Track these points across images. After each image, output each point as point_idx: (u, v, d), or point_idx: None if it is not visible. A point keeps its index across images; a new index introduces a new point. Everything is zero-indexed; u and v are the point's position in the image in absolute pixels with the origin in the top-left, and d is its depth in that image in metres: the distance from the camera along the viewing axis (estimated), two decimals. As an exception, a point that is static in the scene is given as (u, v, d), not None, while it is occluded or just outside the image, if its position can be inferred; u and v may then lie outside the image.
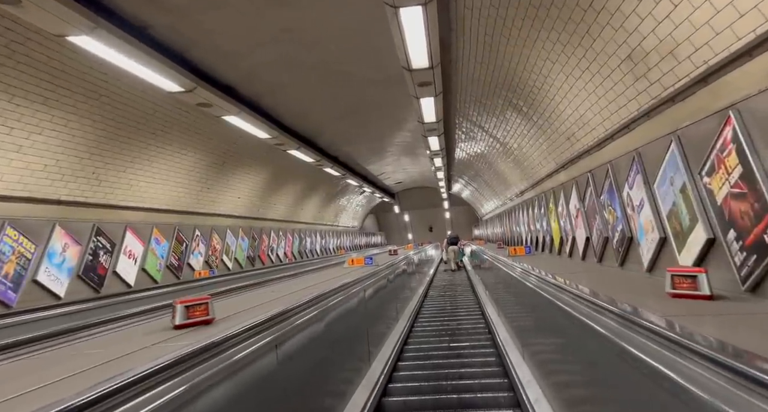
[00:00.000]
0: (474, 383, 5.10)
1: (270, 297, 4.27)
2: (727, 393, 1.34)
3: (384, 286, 7.65)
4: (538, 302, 4.23)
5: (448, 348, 6.65)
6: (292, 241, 18.03)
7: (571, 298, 3.30)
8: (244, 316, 3.02)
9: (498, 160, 12.64)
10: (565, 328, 3.47)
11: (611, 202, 5.41)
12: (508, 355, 5.46)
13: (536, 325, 4.69)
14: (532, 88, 6.78)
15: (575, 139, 6.62)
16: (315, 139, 13.67)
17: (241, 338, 2.43)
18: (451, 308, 9.76)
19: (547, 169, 9.01)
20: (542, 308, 4.24)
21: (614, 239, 5.42)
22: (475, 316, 8.91)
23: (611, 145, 5.47)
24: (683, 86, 3.67)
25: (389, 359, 5.79)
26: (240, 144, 11.10)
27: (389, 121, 13.82)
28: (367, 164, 21.03)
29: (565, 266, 6.78)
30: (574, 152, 6.91)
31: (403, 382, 5.43)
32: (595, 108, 5.43)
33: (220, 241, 12.28)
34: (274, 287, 6.99)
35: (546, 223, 9.42)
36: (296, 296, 3.68)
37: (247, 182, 13.00)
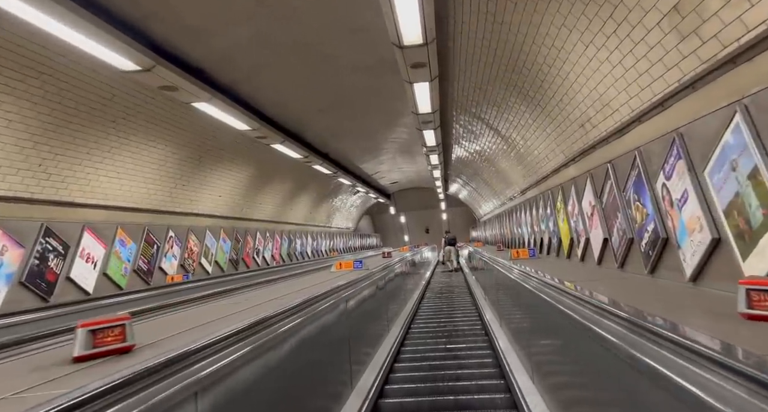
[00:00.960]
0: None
1: (230, 310, 3.40)
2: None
3: (372, 294, 6.76)
4: (559, 323, 3.34)
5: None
6: (280, 243, 17.11)
7: (605, 318, 2.42)
8: (182, 339, 2.17)
9: (499, 156, 11.76)
10: (601, 360, 2.58)
11: (639, 196, 4.52)
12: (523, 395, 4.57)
13: (559, 351, 3.78)
14: (541, 67, 5.89)
15: (591, 125, 5.73)
16: (301, 133, 12.76)
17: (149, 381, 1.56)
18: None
19: (554, 164, 8.13)
20: (563, 330, 3.36)
21: (643, 240, 4.53)
22: (471, 319, 8.02)
23: (639, 129, 4.58)
24: (755, 39, 2.79)
25: (372, 389, 4.86)
26: (218, 137, 10.18)
27: (382, 115, 12.92)
28: (360, 162, 20.13)
29: (578, 272, 5.89)
30: (589, 141, 6.03)
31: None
32: (620, 84, 4.55)
33: (198, 242, 11.35)
34: (247, 295, 6.09)
35: (553, 223, 8.54)
36: (255, 311, 2.83)
37: (229, 179, 12.08)
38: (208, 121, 9.00)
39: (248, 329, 2.27)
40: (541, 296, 3.94)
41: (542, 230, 9.71)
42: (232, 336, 2.10)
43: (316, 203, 20.92)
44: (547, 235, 9.16)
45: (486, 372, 5.56)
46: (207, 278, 10.72)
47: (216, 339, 1.99)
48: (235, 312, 3.40)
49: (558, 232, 8.22)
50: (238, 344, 2.18)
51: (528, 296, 4.73)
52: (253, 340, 2.30)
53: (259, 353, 2.39)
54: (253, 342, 2.28)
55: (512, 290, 6.14)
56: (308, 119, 12.02)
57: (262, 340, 2.38)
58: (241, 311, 3.48)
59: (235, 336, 2.13)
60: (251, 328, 2.31)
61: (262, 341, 2.38)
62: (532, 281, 4.45)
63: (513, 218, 13.99)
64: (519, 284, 5.25)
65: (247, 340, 2.27)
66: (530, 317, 5.00)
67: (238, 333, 2.16)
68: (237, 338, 2.17)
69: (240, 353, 2.17)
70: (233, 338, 2.12)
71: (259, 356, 2.40)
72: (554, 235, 8.54)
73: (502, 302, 7.04)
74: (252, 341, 2.28)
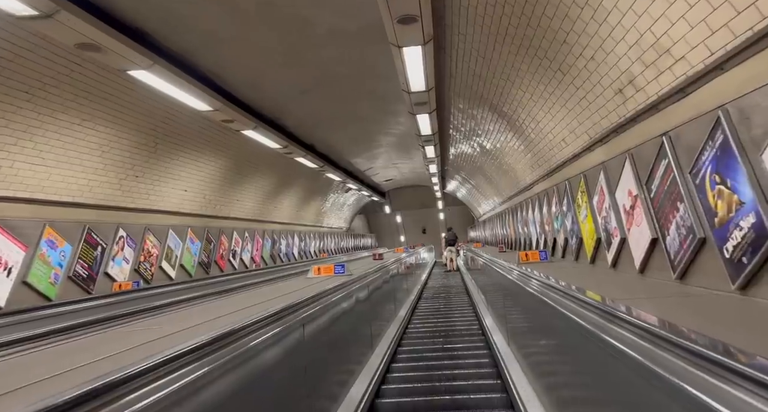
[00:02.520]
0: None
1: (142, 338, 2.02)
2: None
3: (350, 308, 5.33)
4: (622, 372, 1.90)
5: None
6: (261, 243, 15.66)
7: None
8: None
9: (503, 144, 10.32)
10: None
11: (725, 176, 3.09)
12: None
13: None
14: (568, 11, 4.45)
15: (634, 87, 4.31)
16: (279, 119, 11.31)
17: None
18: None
19: (573, 149, 6.70)
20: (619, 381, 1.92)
21: (729, 241, 3.10)
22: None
23: (723, 79, 3.15)
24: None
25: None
26: (176, 120, 8.73)
27: (374, 101, 11.48)
28: (351, 157, 18.69)
29: (617, 285, 4.46)
30: (628, 112, 4.61)
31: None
32: (696, 14, 3.12)
33: (158, 243, 9.89)
34: (185, 312, 4.66)
35: (571, 221, 7.11)
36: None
37: (197, 172, 10.62)
38: (159, 98, 7.56)
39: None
40: (588, 328, 2.52)
41: (555, 230, 8.29)
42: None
43: (303, 201, 19.47)
44: (562, 235, 7.74)
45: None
46: (167, 285, 9.26)
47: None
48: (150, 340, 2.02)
49: (577, 231, 6.80)
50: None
51: (552, 315, 3.33)
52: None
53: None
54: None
55: (526, 305, 4.73)
56: (287, 103, 10.58)
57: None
58: (126, 350, 2.11)
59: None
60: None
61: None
62: (568, 303, 3.03)
63: (517, 216, 12.57)
64: (538, 299, 3.85)
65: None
66: (556, 345, 3.59)
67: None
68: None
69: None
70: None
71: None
72: (572, 235, 7.12)
73: (515, 321, 5.61)
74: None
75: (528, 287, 4.44)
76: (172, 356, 1.83)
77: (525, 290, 4.54)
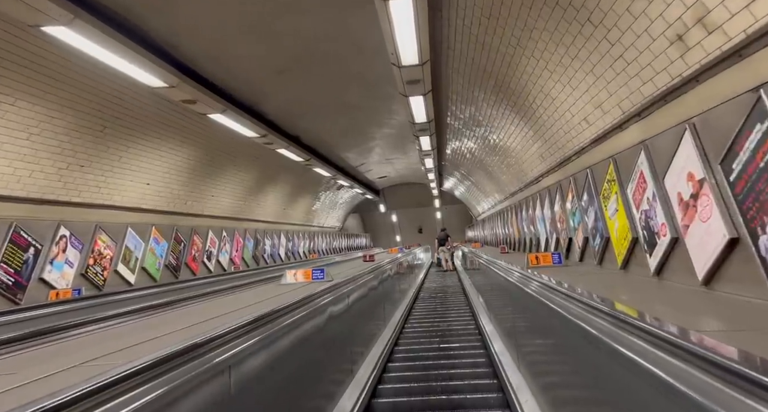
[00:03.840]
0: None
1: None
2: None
3: (319, 328, 4.11)
4: None
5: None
6: (242, 244, 14.40)
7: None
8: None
9: (507, 130, 9.08)
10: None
11: None
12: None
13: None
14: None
15: (706, 26, 3.08)
16: (256, 104, 10.06)
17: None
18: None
19: (595, 130, 5.49)
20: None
21: None
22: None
23: None
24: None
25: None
26: (130, 100, 7.47)
27: (361, 83, 10.22)
28: (341, 151, 17.43)
29: (688, 304, 3.23)
30: (693, 65, 3.38)
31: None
32: None
33: (113, 244, 8.63)
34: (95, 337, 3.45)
35: (594, 217, 5.88)
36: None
37: (160, 162, 9.36)
38: (104, 72, 6.31)
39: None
40: (670, 384, 1.31)
41: (571, 228, 7.07)
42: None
43: (291, 198, 18.21)
44: (581, 234, 6.51)
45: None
46: (120, 292, 8.00)
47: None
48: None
49: (602, 229, 5.57)
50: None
51: (592, 346, 2.12)
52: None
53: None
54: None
55: (546, 325, 3.51)
56: (263, 86, 9.33)
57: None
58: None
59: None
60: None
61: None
62: (620, 333, 1.82)
63: (521, 213, 11.35)
64: (566, 321, 2.64)
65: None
66: (602, 390, 2.38)
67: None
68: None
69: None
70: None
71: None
72: (594, 234, 5.89)
73: (529, 343, 4.37)
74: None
75: (552, 303, 3.22)
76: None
77: (548, 307, 3.31)
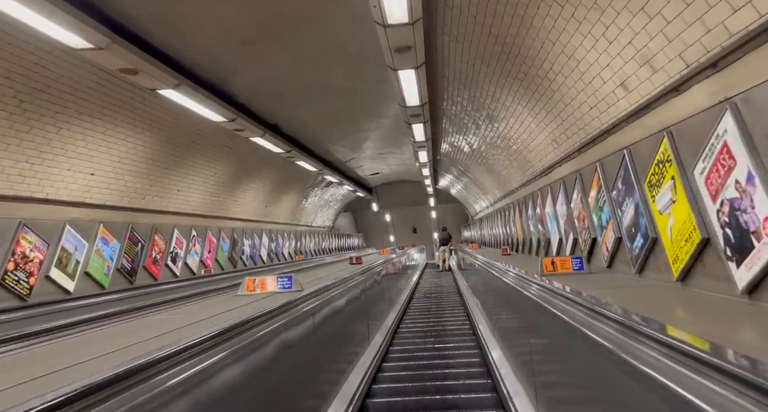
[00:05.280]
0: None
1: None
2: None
3: (270, 360, 2.81)
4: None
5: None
6: (216, 244, 13.01)
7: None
8: None
9: (511, 112, 7.74)
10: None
11: None
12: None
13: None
14: None
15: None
16: (222, 84, 8.69)
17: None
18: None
19: (636, 97, 4.16)
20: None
21: None
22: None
23: None
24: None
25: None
26: (52, 69, 6.09)
27: (345, 60, 8.85)
28: (328, 143, 16.07)
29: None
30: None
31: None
32: None
33: (43, 245, 7.24)
34: None
35: (635, 210, 4.54)
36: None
37: (106, 149, 7.98)
38: (7, 28, 4.94)
39: None
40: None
41: (595, 226, 5.74)
42: None
43: (274, 195, 16.84)
44: (611, 233, 5.19)
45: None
46: (48, 303, 6.63)
47: None
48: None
49: (648, 227, 4.24)
50: None
51: None
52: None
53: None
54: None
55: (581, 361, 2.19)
56: (228, 58, 7.96)
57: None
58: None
59: None
60: None
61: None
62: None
63: (527, 211, 10.02)
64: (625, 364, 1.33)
65: None
66: None
67: None
68: None
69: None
70: None
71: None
72: (635, 233, 4.56)
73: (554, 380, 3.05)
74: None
75: (618, 349, 1.89)
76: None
77: (604, 350, 1.98)
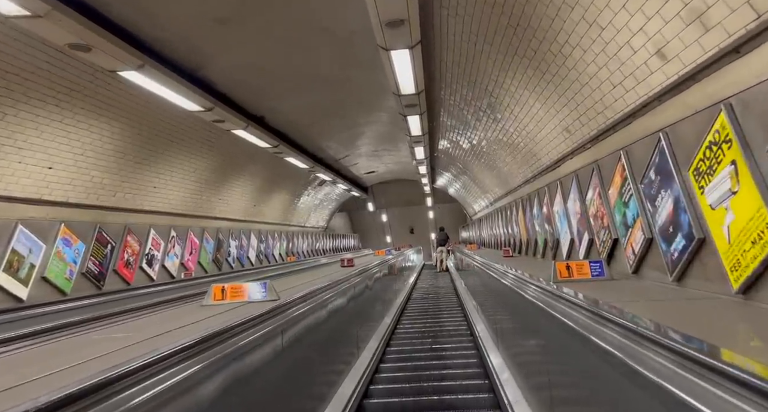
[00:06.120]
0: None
1: None
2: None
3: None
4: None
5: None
6: (199, 245, 12.20)
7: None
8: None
9: (516, 98, 6.94)
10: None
11: None
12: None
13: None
14: None
15: None
16: (199, 70, 7.88)
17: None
18: None
19: (678, 67, 3.37)
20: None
21: None
22: None
23: None
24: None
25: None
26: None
27: (332, 40, 8.04)
28: (321, 140, 15.26)
29: None
30: None
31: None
32: None
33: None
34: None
35: (675, 205, 3.74)
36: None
37: (65, 140, 7.17)
38: None
39: None
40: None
41: (617, 225, 4.95)
42: None
43: (263, 193, 16.03)
44: (639, 233, 4.39)
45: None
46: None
47: None
48: None
49: (694, 225, 3.44)
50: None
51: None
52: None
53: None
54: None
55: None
56: (203, 41, 7.16)
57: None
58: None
59: None
60: None
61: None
62: None
63: (530, 209, 9.24)
64: None
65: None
66: None
67: None
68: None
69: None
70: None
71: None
72: (673, 233, 3.76)
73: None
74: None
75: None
76: None
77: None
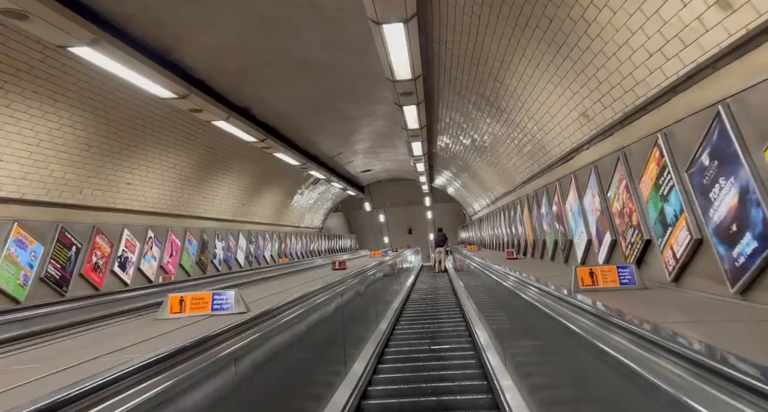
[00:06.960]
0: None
1: None
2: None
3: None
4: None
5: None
6: (181, 247, 11.38)
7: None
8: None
9: (528, 69, 6.13)
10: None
11: None
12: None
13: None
14: None
15: None
16: (173, 50, 7.07)
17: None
18: None
19: (746, 18, 2.56)
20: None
21: None
22: None
23: None
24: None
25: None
26: None
27: (319, 17, 7.24)
28: (313, 135, 14.47)
29: None
30: None
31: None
32: None
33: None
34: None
35: (740, 197, 2.94)
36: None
37: (15, 128, 6.36)
38: None
39: None
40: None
41: (651, 224, 4.15)
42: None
43: (252, 192, 15.22)
44: (684, 233, 3.59)
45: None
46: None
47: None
48: None
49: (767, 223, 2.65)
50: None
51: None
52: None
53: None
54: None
55: None
56: (171, 15, 6.35)
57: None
58: None
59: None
60: None
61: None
62: None
63: (538, 207, 8.44)
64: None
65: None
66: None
67: None
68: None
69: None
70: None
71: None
72: (741, 233, 2.95)
73: None
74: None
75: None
76: None
77: None
